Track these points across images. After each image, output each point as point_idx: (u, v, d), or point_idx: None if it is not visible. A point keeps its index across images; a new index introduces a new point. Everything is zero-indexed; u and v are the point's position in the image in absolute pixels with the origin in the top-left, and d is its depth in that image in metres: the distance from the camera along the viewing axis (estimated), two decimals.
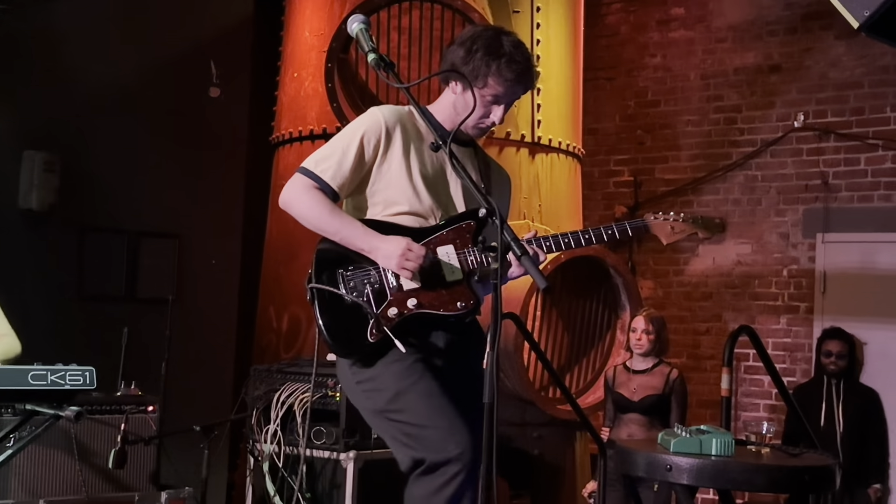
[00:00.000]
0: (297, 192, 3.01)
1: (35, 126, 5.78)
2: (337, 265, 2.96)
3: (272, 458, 5.29)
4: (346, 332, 2.94)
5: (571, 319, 5.98)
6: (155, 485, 4.92)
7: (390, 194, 3.01)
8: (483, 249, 2.98)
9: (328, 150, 3.02)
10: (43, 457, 4.60)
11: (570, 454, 5.94)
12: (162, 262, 6.38)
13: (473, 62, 2.99)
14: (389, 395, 2.94)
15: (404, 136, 3.02)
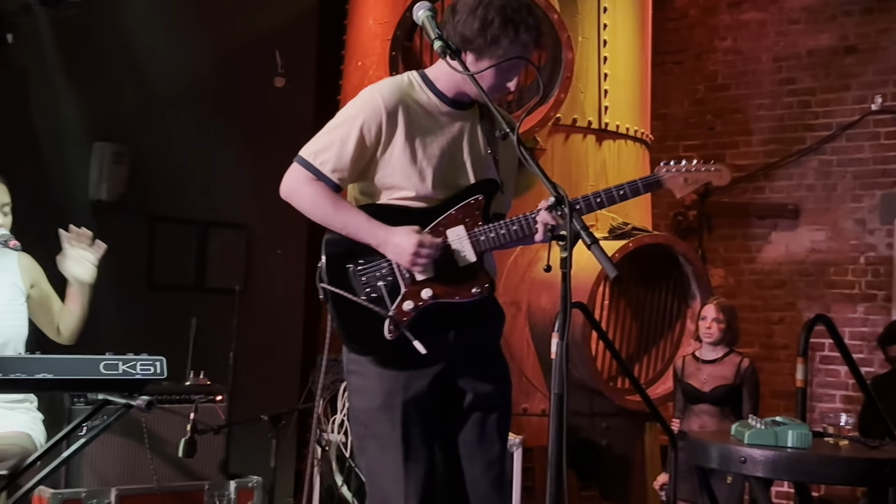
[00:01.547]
0: (297, 185, 2.94)
1: (105, 118, 5.85)
2: (346, 259, 2.88)
3: (339, 448, 5.32)
4: (363, 330, 2.87)
5: (640, 308, 5.91)
6: (224, 474, 4.98)
7: (395, 179, 2.91)
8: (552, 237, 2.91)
9: (327, 140, 2.91)
10: (114, 446, 4.67)
11: (639, 445, 5.88)
12: (230, 252, 6.43)
13: (491, 31, 2.85)
14: (368, 404, 2.89)
15: (406, 115, 2.91)
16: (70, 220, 5.41)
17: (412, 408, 2.86)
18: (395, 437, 2.85)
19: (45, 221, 4.02)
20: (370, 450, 2.91)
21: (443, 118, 2.95)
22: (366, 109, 2.90)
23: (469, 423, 2.96)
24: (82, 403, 4.53)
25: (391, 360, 2.86)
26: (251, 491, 4.97)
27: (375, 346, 2.86)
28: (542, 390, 5.52)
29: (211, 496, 4.83)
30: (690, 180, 3.14)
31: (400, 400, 2.85)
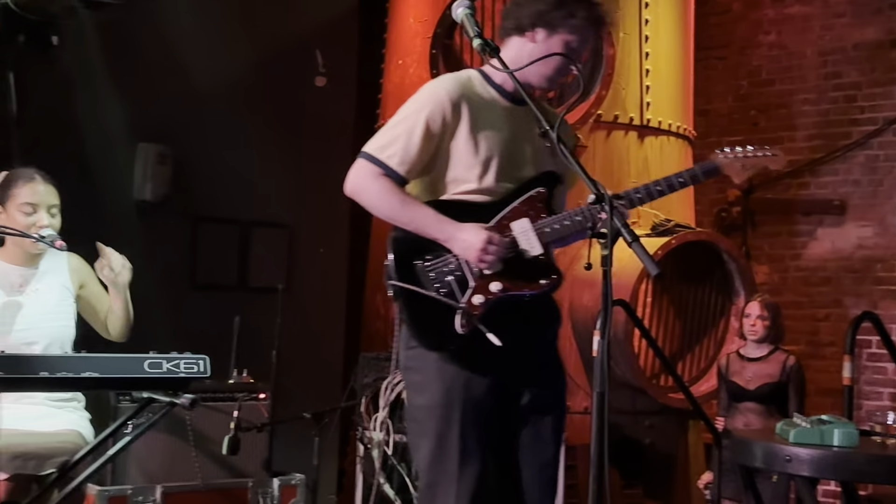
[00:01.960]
0: (364, 181, 2.94)
1: (148, 119, 5.90)
2: (414, 256, 2.89)
3: (381, 446, 5.33)
4: (434, 326, 2.88)
5: (683, 306, 5.87)
6: (267, 471, 5.01)
7: (459, 172, 2.93)
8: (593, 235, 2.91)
9: (392, 134, 2.92)
10: (160, 443, 4.72)
11: (683, 443, 5.84)
12: (273, 252, 6.47)
13: (566, 7, 2.91)
14: (426, 401, 2.90)
15: (469, 108, 2.93)
16: (115, 220, 5.52)
17: (470, 407, 2.86)
18: (451, 434, 2.85)
19: (90, 222, 4.09)
20: (425, 446, 2.90)
21: (503, 112, 2.97)
22: (430, 102, 2.91)
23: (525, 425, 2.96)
24: (128, 401, 4.58)
25: (455, 358, 2.87)
26: (294, 488, 5.00)
27: (445, 342, 2.86)
28: (585, 388, 5.50)
29: (255, 493, 4.87)
30: (748, 165, 3.16)
31: (459, 398, 2.85)
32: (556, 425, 3.03)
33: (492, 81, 3.00)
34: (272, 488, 4.92)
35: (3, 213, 3.74)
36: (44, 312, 3.75)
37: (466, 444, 2.85)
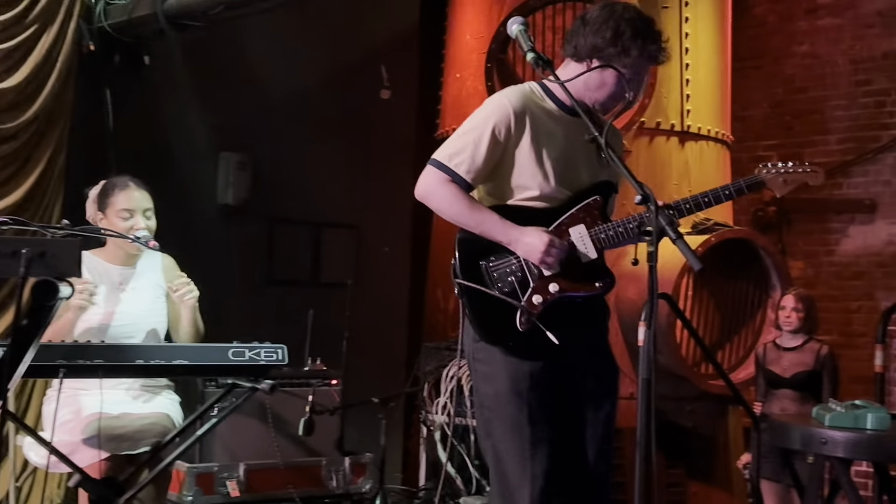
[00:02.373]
0: (433, 186, 2.91)
1: (229, 130, 5.98)
2: (479, 256, 2.89)
3: (443, 428, 5.35)
4: (495, 322, 2.88)
5: (722, 299, 5.80)
6: (339, 451, 5.05)
7: (522, 180, 2.91)
8: (639, 234, 2.90)
9: (460, 143, 2.90)
10: (242, 425, 4.78)
11: (723, 427, 5.77)
12: (342, 250, 6.52)
13: (622, 42, 2.86)
14: (495, 389, 2.88)
15: (532, 119, 2.91)
16: (201, 223, 5.61)
17: (536, 394, 2.85)
18: (521, 420, 2.83)
19: (179, 225, 4.15)
20: (496, 433, 2.88)
21: (561, 124, 2.95)
22: (496, 113, 2.90)
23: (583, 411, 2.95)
24: (213, 387, 4.64)
25: (518, 350, 2.86)
26: (364, 466, 5.04)
27: (506, 337, 2.86)
28: (630, 375, 5.45)
29: (328, 471, 4.92)
30: (789, 180, 3.12)
31: (526, 386, 2.84)
32: (611, 411, 3.02)
33: (551, 94, 2.99)
34: (344, 466, 4.96)
35: (105, 219, 3.81)
36: (141, 309, 3.80)
37: (535, 429, 2.84)
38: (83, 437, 3.52)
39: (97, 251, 3.84)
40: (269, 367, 3.47)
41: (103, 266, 3.81)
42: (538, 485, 2.82)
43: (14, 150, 4.96)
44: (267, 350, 3.47)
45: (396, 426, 5.90)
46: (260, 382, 3.48)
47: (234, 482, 4.67)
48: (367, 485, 5.02)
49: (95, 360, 3.21)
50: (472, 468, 5.23)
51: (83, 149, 5.33)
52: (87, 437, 3.50)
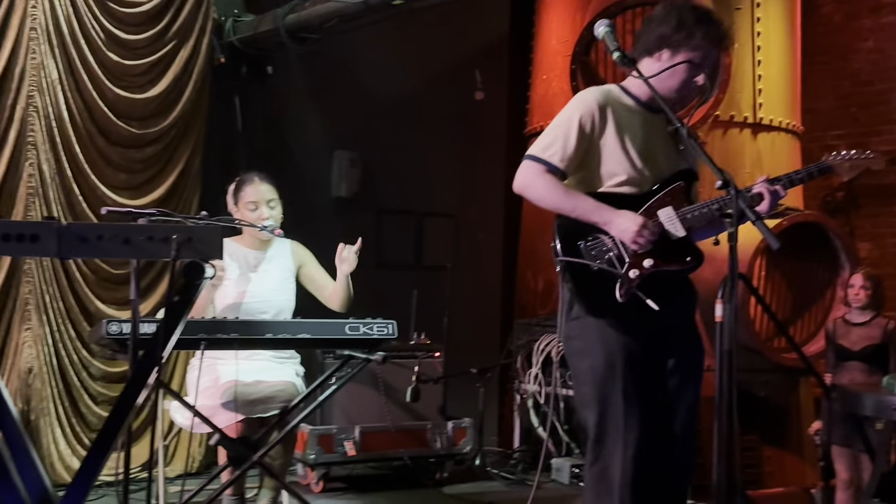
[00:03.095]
0: (530, 177, 2.89)
1: (341, 130, 6.04)
2: (576, 238, 2.85)
3: (535, 397, 5.34)
4: (596, 295, 2.83)
5: (794, 279, 5.63)
6: (442, 416, 5.07)
7: (609, 167, 2.87)
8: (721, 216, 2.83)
9: (551, 137, 2.87)
10: (357, 392, 4.83)
11: (794, 397, 5.62)
12: (441, 237, 6.54)
13: (686, 28, 2.81)
14: (591, 363, 2.83)
15: (614, 112, 2.87)
16: (317, 213, 5.68)
17: (630, 366, 2.80)
18: (616, 392, 2.80)
19: (299, 215, 4.21)
20: (592, 404, 2.84)
21: (640, 119, 2.92)
22: (582, 108, 2.88)
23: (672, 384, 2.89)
24: (331, 358, 4.70)
25: (613, 325, 2.82)
26: (464, 430, 5.05)
27: (606, 310, 2.82)
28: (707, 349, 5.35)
29: (433, 434, 4.94)
30: (854, 166, 3.05)
31: (620, 359, 2.80)
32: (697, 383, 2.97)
33: (629, 93, 2.96)
34: (447, 430, 4.98)
35: (238, 210, 3.92)
36: (271, 289, 3.90)
37: (629, 401, 2.79)
38: (221, 402, 3.62)
39: (235, 238, 3.96)
40: (381, 340, 3.50)
41: (240, 250, 3.93)
42: (630, 451, 2.78)
43: (157, 152, 5.10)
44: (379, 325, 3.50)
45: (492, 394, 5.91)
46: (373, 354, 3.51)
47: (350, 442, 4.73)
48: (468, 446, 5.03)
49: (232, 334, 3.28)
50: (561, 433, 5.22)
51: (216, 150, 5.45)
52: (225, 402, 3.60)
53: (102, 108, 4.87)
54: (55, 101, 4.74)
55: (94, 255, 2.05)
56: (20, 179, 4.68)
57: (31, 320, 4.68)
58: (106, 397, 4.90)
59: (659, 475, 2.85)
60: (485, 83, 6.55)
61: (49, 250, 2.12)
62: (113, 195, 4.90)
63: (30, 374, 4.66)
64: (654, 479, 2.83)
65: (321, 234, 4.71)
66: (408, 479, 4.99)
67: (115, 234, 2.16)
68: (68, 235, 2.14)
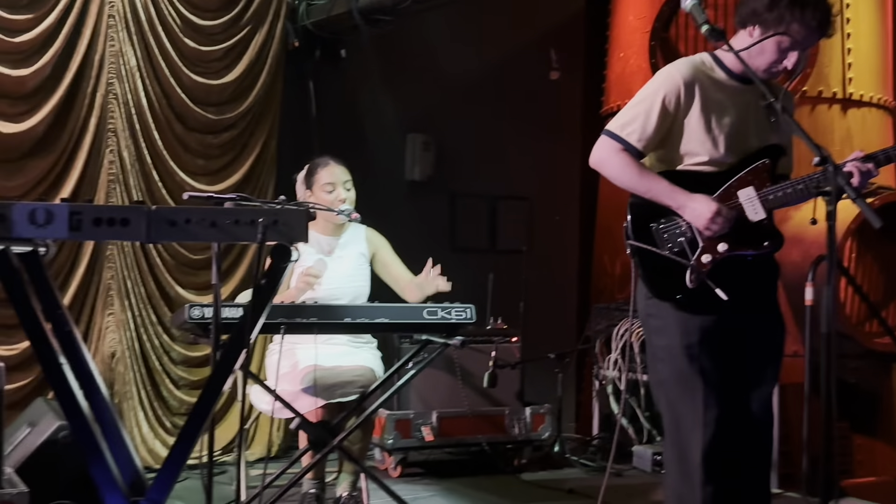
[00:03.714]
0: (606, 155, 2.84)
1: (415, 113, 6.05)
2: (649, 219, 2.80)
3: (614, 383, 5.29)
4: (665, 280, 2.79)
5: (886, 261, 5.46)
6: (520, 401, 5.06)
7: (691, 146, 2.80)
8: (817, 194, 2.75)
9: (632, 114, 2.82)
10: (434, 377, 4.84)
11: (886, 383, 5.45)
12: (516, 220, 6.52)
13: (778, 9, 2.70)
14: (667, 342, 2.79)
15: (701, 89, 2.79)
16: (391, 197, 5.71)
17: (706, 347, 2.76)
18: (692, 371, 2.76)
19: (372, 199, 4.23)
20: (669, 383, 2.82)
21: (731, 92, 2.84)
22: (666, 84, 2.81)
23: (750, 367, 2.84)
24: (408, 343, 4.73)
25: (689, 304, 2.77)
26: (543, 416, 5.03)
27: (676, 294, 2.78)
28: (794, 334, 5.22)
29: (511, 419, 4.93)
30: None
31: (696, 339, 2.76)
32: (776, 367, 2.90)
33: (721, 64, 2.88)
34: (524, 415, 4.96)
35: (312, 195, 3.96)
36: (346, 274, 3.94)
37: (707, 380, 2.76)
38: (302, 387, 3.67)
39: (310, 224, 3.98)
40: (459, 325, 3.49)
41: (315, 236, 3.97)
42: (709, 431, 2.74)
43: (233, 137, 5.18)
44: (457, 310, 3.50)
45: (569, 380, 5.87)
46: (451, 339, 3.51)
47: (427, 428, 4.75)
48: (546, 432, 5.01)
49: (311, 319, 3.31)
50: (642, 419, 5.16)
51: (291, 134, 5.51)
52: (305, 387, 3.65)
53: (180, 94, 4.96)
54: (134, 88, 4.84)
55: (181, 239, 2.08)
56: (101, 167, 4.80)
57: (113, 305, 4.81)
58: (187, 381, 5.02)
59: (739, 459, 2.80)
60: (560, 62, 6.48)
61: (139, 234, 2.17)
62: (191, 181, 5.00)
63: (113, 359, 4.79)
64: (734, 463, 2.78)
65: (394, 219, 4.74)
66: (485, 465, 4.99)
67: (203, 217, 2.20)
68: (157, 219, 2.18)
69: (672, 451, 2.84)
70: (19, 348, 4.54)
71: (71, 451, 3.67)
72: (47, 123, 4.65)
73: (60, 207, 2.16)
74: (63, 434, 3.74)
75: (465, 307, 3.50)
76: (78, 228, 2.16)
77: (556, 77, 6.41)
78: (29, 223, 2.15)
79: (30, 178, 4.62)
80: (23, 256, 2.24)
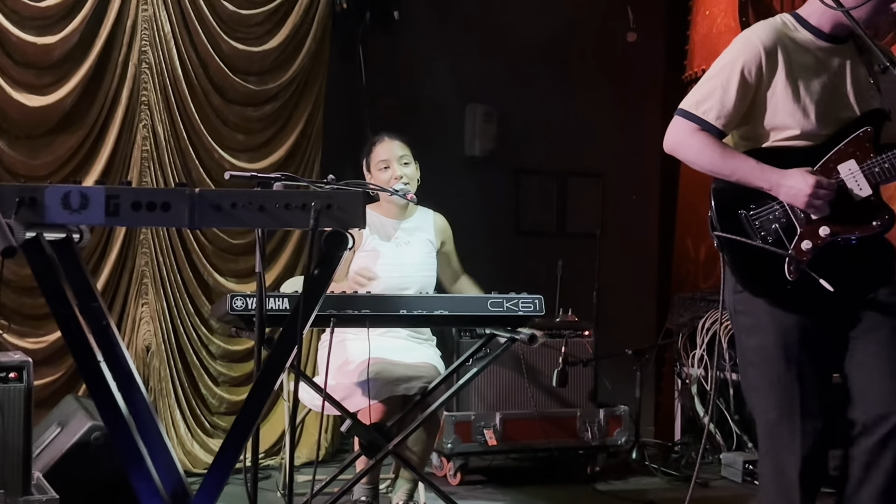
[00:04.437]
0: (682, 137, 2.80)
1: (474, 82, 6.02)
2: (737, 206, 2.76)
3: (699, 382, 5.24)
4: (759, 273, 2.74)
5: None
6: (593, 402, 5.04)
7: (779, 120, 2.74)
8: None
9: (708, 89, 2.77)
10: (497, 376, 4.85)
11: None
12: (588, 199, 6.47)
13: None
14: (760, 343, 2.75)
15: (785, 54, 2.73)
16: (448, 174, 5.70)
17: (806, 348, 2.72)
18: (789, 375, 2.72)
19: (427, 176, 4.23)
20: (763, 388, 2.79)
21: (821, 54, 2.78)
22: (744, 53, 2.75)
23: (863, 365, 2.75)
24: (468, 338, 4.74)
25: (786, 301, 2.73)
26: (619, 418, 5.00)
27: (772, 288, 2.73)
28: None
29: (583, 422, 4.91)
30: None
31: (794, 339, 2.71)
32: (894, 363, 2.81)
33: (807, 24, 2.80)
34: (599, 418, 4.94)
35: (371, 177, 4.03)
36: (414, 262, 4.00)
37: (806, 384, 2.71)
38: (355, 382, 3.69)
39: (373, 206, 4.05)
40: (527, 317, 3.48)
41: (379, 220, 4.02)
42: (808, 443, 2.70)
43: (276, 110, 5.21)
44: (524, 301, 3.49)
45: (648, 378, 5.82)
46: (519, 333, 3.50)
47: (490, 431, 4.75)
48: (623, 437, 4.98)
49: (363, 311, 3.34)
50: (732, 423, 5.11)
51: (338, 106, 5.53)
52: (361, 382, 3.67)
53: (218, 62, 5.00)
54: (168, 56, 4.89)
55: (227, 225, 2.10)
56: (134, 143, 4.87)
57: (147, 295, 4.89)
58: (227, 378, 5.09)
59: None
60: (637, 22, 6.39)
61: (181, 219, 2.20)
62: (231, 158, 5.04)
63: (147, 353, 4.88)
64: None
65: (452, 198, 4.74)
66: (555, 473, 4.99)
67: (250, 200, 2.21)
68: (201, 203, 2.20)
69: (767, 464, 2.80)
70: (47, 340, 4.64)
71: (105, 455, 3.76)
72: (75, 96, 4.73)
73: (96, 191, 2.19)
74: (96, 435, 3.82)
75: (533, 298, 3.49)
76: (115, 213, 2.19)
77: (634, 39, 6.32)
78: (62, 208, 2.18)
79: (57, 156, 4.71)
80: (55, 244, 2.28)
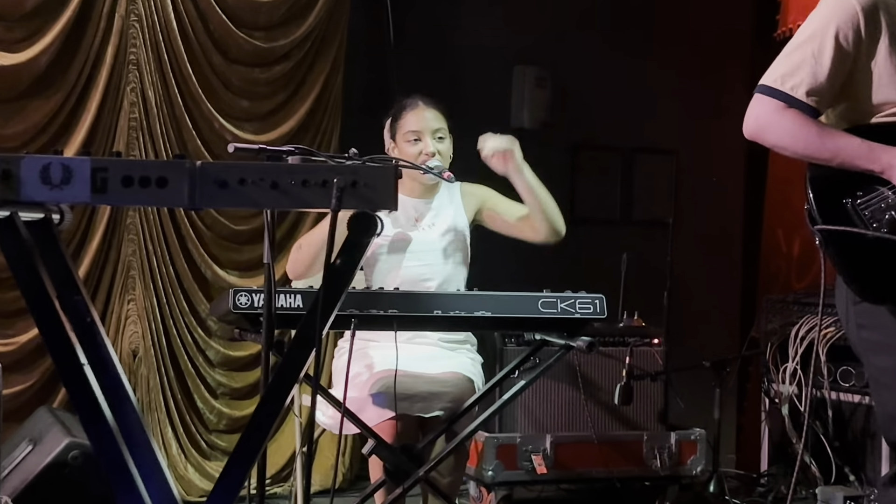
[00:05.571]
0: (766, 119, 2.77)
1: (524, 40, 6.02)
2: (840, 194, 2.72)
3: (792, 401, 5.20)
4: (877, 274, 2.72)
5: None
6: (663, 424, 5.02)
7: (884, 94, 2.73)
8: None
9: (795, 60, 2.73)
10: (547, 390, 4.84)
11: None
12: (659, 182, 6.45)
13: None
14: (893, 362, 2.71)
15: (887, 14, 2.71)
16: None
17: None
18: None
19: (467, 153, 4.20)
20: None
21: None
22: (838, 16, 2.73)
23: None
24: (513, 344, 4.73)
25: None
26: (694, 444, 4.97)
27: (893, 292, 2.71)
28: None
29: (650, 448, 4.89)
30: None
31: None
32: None
33: None
34: (670, 443, 4.92)
35: (396, 148, 3.98)
36: (438, 249, 3.93)
37: None
38: (371, 393, 3.68)
39: None
40: (586, 321, 3.44)
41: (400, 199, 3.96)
42: None
43: (287, 71, 5.24)
44: (583, 301, 3.44)
45: (730, 396, 5.79)
46: (574, 340, 3.47)
47: (539, 456, 4.75)
48: (699, 466, 4.96)
49: (389, 310, 3.31)
50: (830, 451, 5.07)
51: (360, 68, 5.55)
52: (377, 393, 3.66)
53: (220, 14, 5.04)
54: (161, 7, 4.93)
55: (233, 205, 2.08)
56: (120, 109, 4.92)
57: (134, 290, 4.93)
58: (227, 389, 5.13)
59: None
60: None
61: (180, 198, 2.19)
62: (233, 129, 5.08)
63: (134, 359, 4.92)
64: None
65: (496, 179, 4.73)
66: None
67: (262, 176, 2.20)
68: (203, 178, 2.19)
69: None
70: (18, 342, 4.70)
71: (84, 477, 3.80)
72: (51, 54, 4.78)
73: (81, 163, 2.19)
74: (74, 454, 3.87)
75: (593, 298, 3.45)
76: (103, 190, 2.18)
77: None
78: (41, 182, 2.18)
79: (30, 125, 4.77)
80: (32, 225, 2.29)
